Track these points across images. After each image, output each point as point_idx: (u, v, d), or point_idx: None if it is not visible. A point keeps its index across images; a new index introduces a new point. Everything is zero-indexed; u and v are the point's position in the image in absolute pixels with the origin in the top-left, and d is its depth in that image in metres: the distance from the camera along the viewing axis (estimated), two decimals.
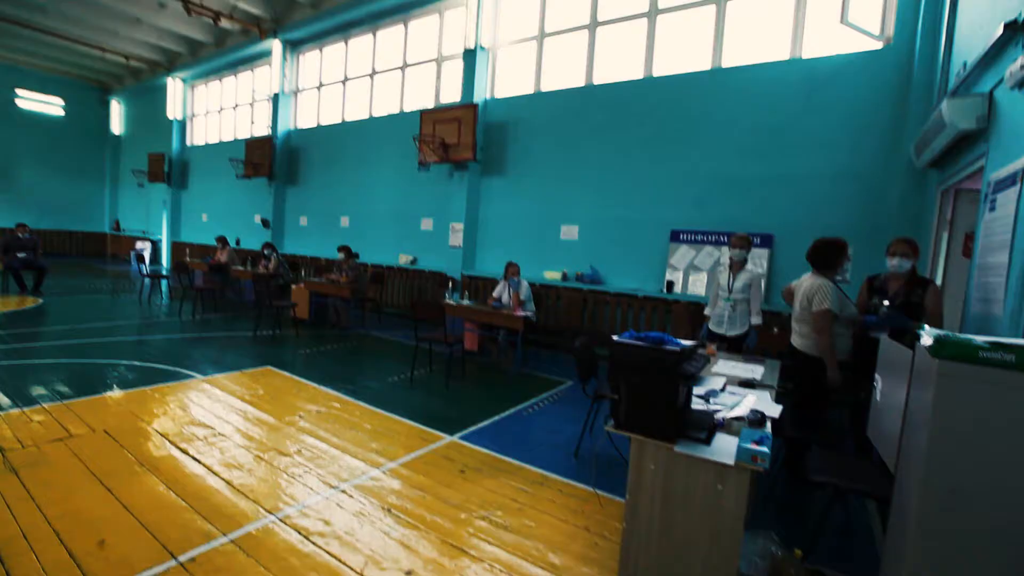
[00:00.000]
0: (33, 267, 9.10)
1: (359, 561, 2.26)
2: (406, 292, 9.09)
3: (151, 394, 4.30)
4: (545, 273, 7.48)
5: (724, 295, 4.25)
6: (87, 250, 18.02)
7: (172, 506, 2.60)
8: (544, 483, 3.14)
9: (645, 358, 1.94)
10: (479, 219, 8.48)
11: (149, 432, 3.51)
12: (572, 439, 3.83)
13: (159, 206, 16.03)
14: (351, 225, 10.56)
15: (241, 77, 13.54)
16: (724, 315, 4.24)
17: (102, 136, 18.25)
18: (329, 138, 10.98)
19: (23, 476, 2.81)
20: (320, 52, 11.32)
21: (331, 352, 6.30)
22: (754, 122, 5.94)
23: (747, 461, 1.79)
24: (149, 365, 5.16)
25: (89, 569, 2.10)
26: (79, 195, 17.84)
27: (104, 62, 15.19)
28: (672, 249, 6.47)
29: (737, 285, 4.19)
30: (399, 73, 9.76)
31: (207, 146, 14.54)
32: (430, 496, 2.88)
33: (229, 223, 13.36)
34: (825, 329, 3.07)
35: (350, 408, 4.30)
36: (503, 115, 8.11)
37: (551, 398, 4.96)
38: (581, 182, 7.30)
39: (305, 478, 3.01)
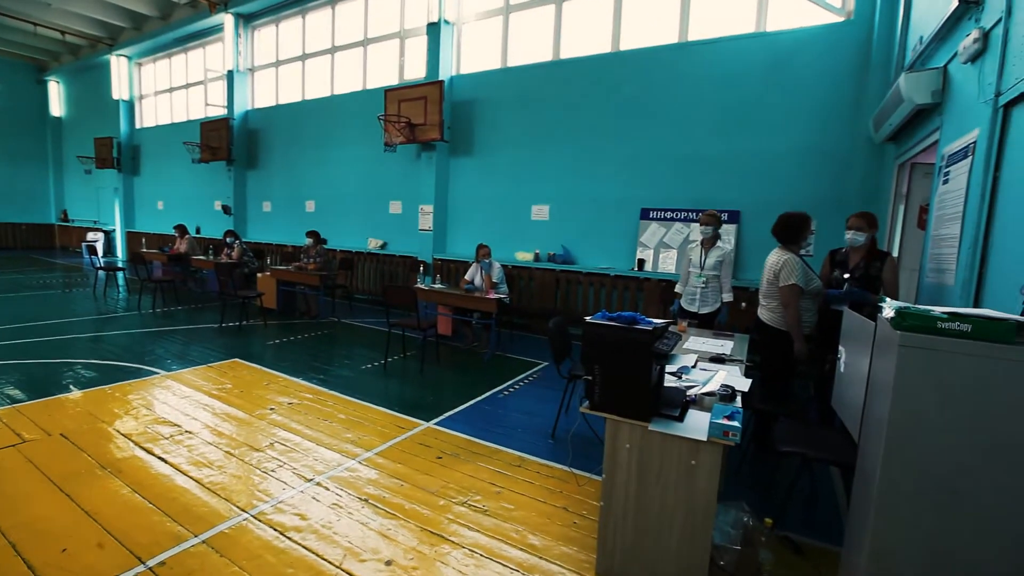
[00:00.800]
0: None
1: (338, 554, 2.23)
2: (377, 277, 8.94)
3: (111, 393, 4.12)
4: (517, 254, 7.45)
5: (696, 272, 4.27)
6: (33, 243, 17.02)
7: (138, 509, 2.51)
8: (522, 465, 3.16)
9: (618, 339, 1.94)
10: (449, 201, 8.35)
11: (110, 433, 3.37)
12: (548, 420, 3.86)
13: (110, 194, 15.21)
14: (317, 210, 10.25)
15: (192, 54, 12.81)
16: (696, 293, 4.28)
17: (41, 119, 17.09)
18: (289, 118, 10.55)
19: None
20: (276, 27, 10.78)
21: (301, 342, 6.16)
22: (721, 97, 5.98)
23: (719, 436, 1.82)
24: (107, 363, 4.93)
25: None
26: (20, 184, 16.73)
27: (36, 37, 14.09)
28: (642, 227, 6.52)
29: (709, 262, 4.22)
30: (361, 50, 9.40)
31: (158, 128, 13.80)
32: (408, 484, 2.86)
33: (187, 210, 12.80)
34: (792, 303, 3.15)
35: (323, 398, 4.22)
36: (470, 92, 7.92)
37: (526, 380, 4.98)
38: (551, 160, 7.24)
39: (279, 473, 2.95)
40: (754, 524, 2.05)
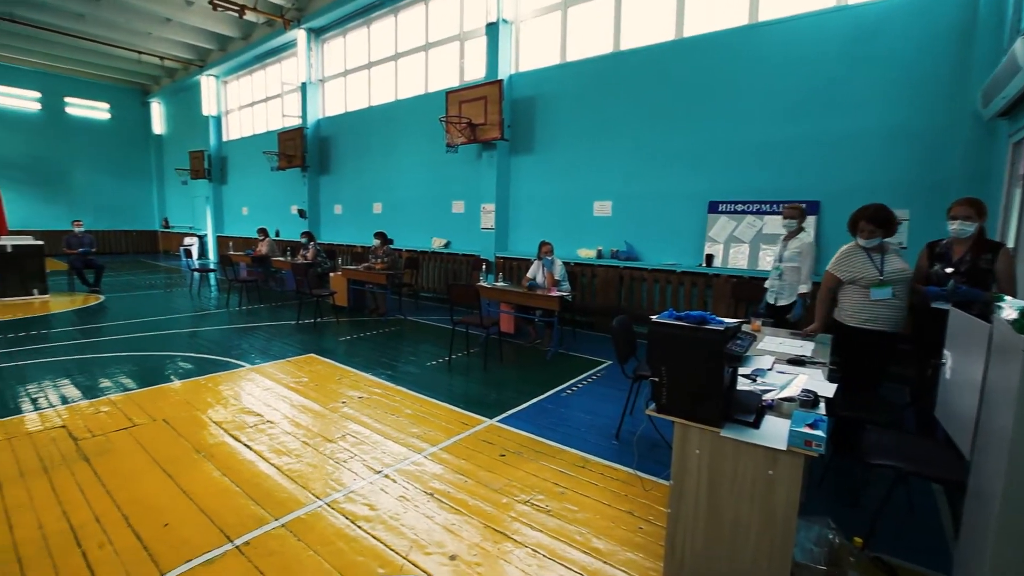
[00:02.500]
0: (91, 265, 9.65)
1: (404, 545, 2.30)
2: (441, 276, 9.15)
3: (204, 384, 4.51)
4: (579, 251, 7.35)
5: (775, 265, 4.25)
6: (141, 248, 19.01)
7: (227, 492, 2.72)
8: (585, 466, 3.11)
9: (687, 339, 1.85)
10: (510, 199, 8.39)
11: (204, 421, 3.68)
12: (612, 421, 3.78)
13: (203, 202, 16.67)
14: (384, 211, 10.66)
15: (270, 70, 13.74)
16: (775, 285, 4.24)
17: (145, 137, 19.02)
18: (357, 124, 11.04)
19: (94, 464, 3.00)
20: (344, 39, 11.32)
21: (371, 338, 6.42)
22: (795, 79, 5.56)
23: (800, 446, 1.69)
24: (201, 356, 5.40)
25: (155, 552, 2.23)
26: (130, 195, 18.76)
27: (141, 64, 15.72)
28: (711, 221, 6.21)
29: (786, 254, 4.17)
30: (422, 54, 9.65)
31: (242, 140, 14.92)
32: (472, 481, 2.90)
33: (268, 215, 13.76)
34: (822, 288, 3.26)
35: (391, 393, 4.37)
36: (529, 90, 7.91)
37: (590, 379, 4.90)
38: (613, 156, 7.08)
39: (350, 463, 3.09)
40: (841, 542, 1.89)
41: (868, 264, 3.05)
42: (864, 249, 3.09)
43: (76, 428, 3.50)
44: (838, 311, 3.23)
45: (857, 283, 3.07)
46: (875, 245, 3.06)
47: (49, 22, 12.39)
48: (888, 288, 2.98)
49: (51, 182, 16.86)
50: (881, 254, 3.07)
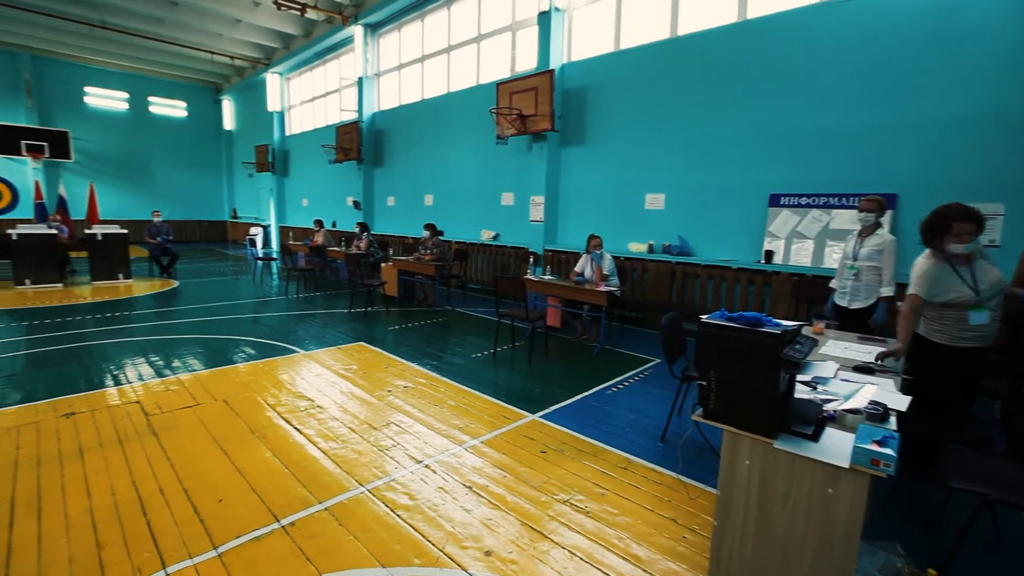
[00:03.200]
0: (168, 252, 10.40)
1: (440, 537, 2.31)
2: (489, 268, 9.19)
3: (261, 368, 4.74)
4: (630, 245, 7.15)
5: (849, 263, 3.81)
6: (212, 237, 20.33)
7: (277, 472, 2.84)
8: (628, 468, 3.01)
9: (739, 342, 1.72)
10: (560, 191, 8.27)
11: (260, 403, 3.87)
12: (659, 422, 3.65)
13: (267, 193, 17.57)
14: (435, 203, 10.82)
15: (329, 66, 14.22)
16: (848, 286, 3.81)
17: (217, 132, 20.25)
18: (410, 117, 11.24)
19: (161, 439, 3.22)
20: (399, 33, 11.51)
21: (418, 328, 6.54)
22: (871, 61, 5.11)
23: (865, 464, 1.53)
24: (261, 341, 5.68)
25: (210, 525, 2.35)
26: (203, 187, 20.07)
27: (214, 64, 16.69)
28: (771, 215, 5.85)
29: (863, 252, 3.72)
30: (474, 46, 9.66)
31: (303, 134, 15.56)
32: (511, 476, 2.88)
33: (326, 206, 14.31)
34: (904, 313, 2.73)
35: (435, 384, 4.43)
36: (581, 79, 7.73)
37: (636, 377, 4.76)
38: (667, 146, 6.80)
39: (393, 452, 3.14)
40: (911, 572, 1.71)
41: (959, 283, 2.65)
42: (948, 263, 2.68)
43: (148, 404, 3.78)
44: (922, 324, 2.89)
45: (951, 306, 2.69)
46: (967, 253, 2.62)
47: (135, 27, 13.38)
48: (986, 311, 2.62)
49: (135, 175, 18.31)
50: (969, 264, 2.66)
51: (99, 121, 17.46)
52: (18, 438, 3.19)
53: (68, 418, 3.50)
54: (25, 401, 3.79)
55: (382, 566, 2.11)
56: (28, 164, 15.63)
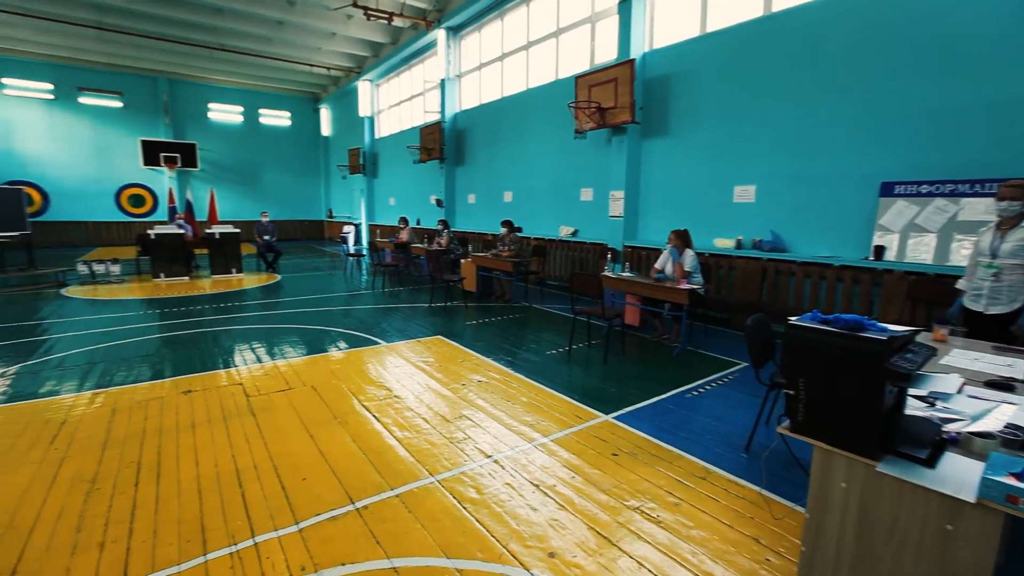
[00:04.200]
0: (273, 249, 11.43)
1: (505, 533, 2.30)
2: (567, 264, 9.09)
3: (348, 357, 5.04)
4: (716, 241, 6.72)
5: (985, 261, 3.27)
6: (310, 235, 22.09)
7: (355, 457, 3.00)
8: (707, 478, 2.82)
9: (834, 348, 1.52)
10: (640, 185, 7.97)
11: (343, 391, 4.11)
12: (742, 430, 3.38)
13: (358, 194, 18.74)
14: (514, 200, 10.90)
15: (414, 70, 14.83)
16: (984, 287, 3.27)
17: (315, 139, 21.94)
18: (490, 116, 11.40)
19: (258, 418, 3.53)
20: (479, 33, 11.72)
21: (495, 324, 6.62)
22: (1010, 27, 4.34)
23: (999, 501, 1.29)
24: (349, 332, 6.05)
25: (293, 501, 2.53)
26: (303, 189, 21.88)
27: (313, 75, 18.09)
28: (883, 206, 5.20)
29: (1006, 248, 3.16)
30: (553, 41, 9.57)
31: (390, 136, 16.38)
32: (580, 477, 2.80)
33: (410, 205, 14.97)
34: None
35: (509, 379, 4.44)
36: (664, 68, 7.38)
37: (720, 381, 4.46)
38: (758, 135, 6.29)
39: (464, 445, 3.19)
40: None
41: None
42: None
43: (249, 387, 4.16)
44: None
45: None
46: None
47: (248, 47, 14.85)
48: None
49: (247, 180, 20.36)
50: None
51: (219, 133, 19.60)
52: (146, 410, 3.65)
53: (186, 395, 3.95)
54: (154, 379, 4.33)
55: (446, 557, 2.14)
56: (164, 173, 17.95)
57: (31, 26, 13.28)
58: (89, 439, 3.20)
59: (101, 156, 17.64)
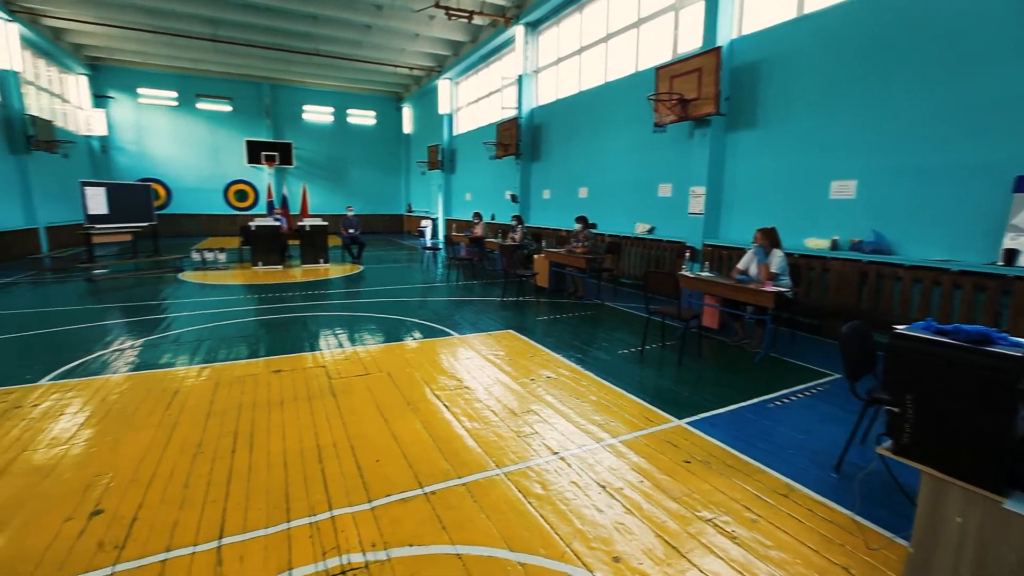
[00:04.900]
0: (356, 241, 12.11)
1: (569, 532, 2.27)
2: (642, 262, 8.82)
3: (422, 347, 5.23)
4: (807, 241, 6.21)
5: None
6: (391, 229, 23.17)
7: (425, 443, 3.10)
8: (789, 495, 2.61)
9: (954, 363, 1.34)
10: (724, 180, 7.54)
11: (416, 379, 4.26)
12: (832, 447, 3.10)
13: (436, 189, 19.35)
14: (589, 195, 10.74)
15: (492, 67, 15.02)
16: None
17: (398, 137, 22.94)
18: (567, 110, 11.29)
19: (338, 400, 3.75)
20: (558, 28, 11.62)
21: (566, 320, 6.57)
22: None
23: None
24: (423, 323, 6.27)
25: (367, 480, 2.66)
26: (385, 186, 23.02)
27: (396, 75, 18.91)
28: (1017, 203, 4.52)
29: None
30: (633, 32, 9.28)
31: (468, 133, 16.73)
32: (648, 482, 2.71)
33: (486, 200, 15.22)
34: None
35: (578, 377, 4.39)
36: (753, 54, 6.90)
37: (807, 392, 4.12)
38: (862, 124, 5.71)
39: (531, 439, 3.20)
40: None
41: None
42: None
43: (332, 370, 4.43)
44: None
45: None
46: None
47: (339, 51, 15.80)
48: None
49: (335, 176, 21.77)
50: None
51: (312, 132, 21.08)
52: (243, 386, 4.01)
53: (276, 374, 4.29)
54: (250, 357, 4.75)
55: (509, 549, 2.15)
56: (264, 170, 19.61)
57: (162, 42, 15.02)
58: (196, 408, 3.57)
59: (213, 155, 19.67)
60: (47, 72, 15.09)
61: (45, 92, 14.81)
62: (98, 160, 17.86)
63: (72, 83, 16.89)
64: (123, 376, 4.22)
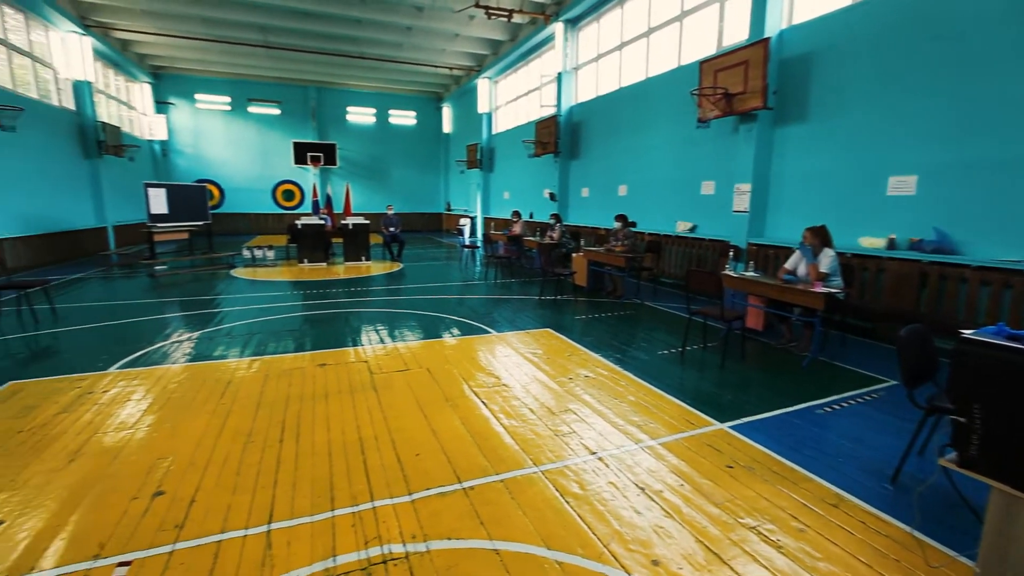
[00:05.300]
0: (397, 240, 12.37)
1: (607, 533, 2.26)
2: (683, 261, 8.62)
3: (461, 344, 5.29)
4: (861, 240, 5.91)
5: None
6: (430, 227, 23.54)
7: (463, 439, 3.14)
8: (839, 506, 2.50)
9: None
10: (770, 177, 7.27)
11: (455, 375, 4.32)
12: (887, 457, 2.95)
13: (474, 188, 19.52)
14: (629, 193, 10.58)
15: (532, 65, 14.99)
16: None
17: (437, 136, 23.26)
18: (607, 107, 11.15)
19: (379, 394, 3.85)
20: (598, 24, 11.48)
21: (605, 319, 6.50)
22: None
23: None
24: (462, 320, 6.35)
25: (407, 473, 2.73)
26: (425, 184, 23.40)
27: (436, 76, 19.16)
28: None
29: None
30: (676, 25, 9.06)
31: (507, 132, 16.78)
32: (689, 486, 2.65)
33: (523, 198, 15.23)
34: None
35: (617, 377, 4.34)
36: (804, 45, 6.61)
37: (859, 398, 3.92)
38: (925, 115, 5.37)
39: (568, 439, 3.19)
40: None
41: None
42: None
43: (373, 365, 4.55)
44: None
45: None
46: None
47: (381, 53, 16.16)
48: None
49: (376, 176, 22.31)
50: None
51: (355, 133, 21.68)
52: (290, 378, 4.17)
53: (321, 368, 4.44)
54: (297, 351, 4.94)
55: (547, 547, 2.15)
56: (310, 171, 20.31)
57: (217, 49, 15.82)
58: (247, 399, 3.75)
59: (262, 157, 20.55)
60: (115, 81, 16.15)
61: (114, 100, 15.86)
62: (159, 163, 18.97)
63: (137, 91, 18.02)
64: (181, 367, 4.47)
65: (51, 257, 10.97)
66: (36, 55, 11.64)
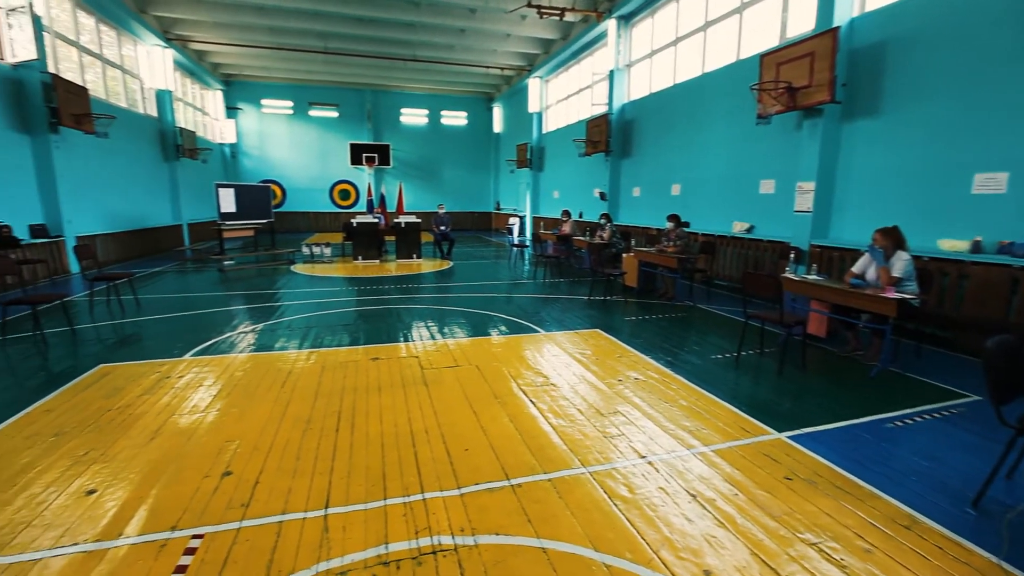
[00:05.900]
0: (447, 238, 12.60)
1: (656, 539, 2.21)
2: (739, 263, 8.30)
3: (509, 342, 5.33)
4: (941, 242, 5.47)
5: None
6: (480, 225, 23.82)
7: (511, 437, 3.16)
8: (911, 528, 2.33)
9: None
10: (837, 175, 6.86)
11: (504, 373, 4.36)
12: (968, 479, 2.72)
13: (524, 187, 19.58)
14: (682, 193, 10.29)
15: (583, 63, 14.85)
16: None
17: (488, 136, 23.49)
18: (660, 105, 10.89)
19: (430, 389, 3.95)
20: (652, 19, 11.22)
21: (655, 321, 6.36)
22: None
23: None
24: (511, 318, 6.39)
25: (456, 467, 2.78)
26: (475, 183, 23.70)
27: (487, 76, 19.34)
28: None
29: None
30: (736, 18, 8.70)
31: (557, 131, 16.70)
32: (743, 496, 2.55)
33: (573, 197, 15.13)
34: None
35: (668, 380, 4.24)
36: (877, 34, 6.18)
37: (936, 414, 3.64)
38: (1017, 106, 4.90)
39: (617, 441, 3.14)
40: None
41: None
42: None
43: (424, 360, 4.67)
44: None
45: None
46: None
47: (434, 56, 16.51)
48: None
49: (428, 175, 22.83)
50: None
51: (408, 134, 22.27)
52: (345, 370, 4.35)
53: (374, 362, 4.60)
54: (352, 344, 5.14)
55: (595, 549, 2.14)
56: (364, 171, 21.07)
57: (281, 57, 16.68)
58: (306, 388, 3.93)
59: (321, 158, 21.51)
60: (192, 89, 17.38)
61: (190, 107, 17.07)
62: (228, 164, 20.25)
63: (210, 97, 19.31)
64: (246, 356, 4.75)
65: (134, 252, 11.96)
66: (126, 68, 12.72)
